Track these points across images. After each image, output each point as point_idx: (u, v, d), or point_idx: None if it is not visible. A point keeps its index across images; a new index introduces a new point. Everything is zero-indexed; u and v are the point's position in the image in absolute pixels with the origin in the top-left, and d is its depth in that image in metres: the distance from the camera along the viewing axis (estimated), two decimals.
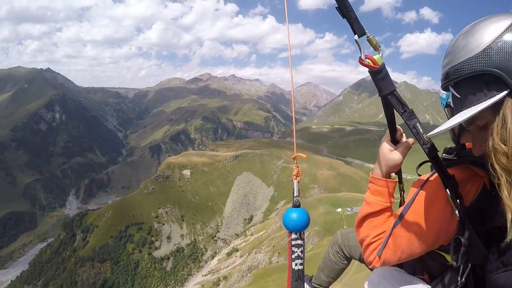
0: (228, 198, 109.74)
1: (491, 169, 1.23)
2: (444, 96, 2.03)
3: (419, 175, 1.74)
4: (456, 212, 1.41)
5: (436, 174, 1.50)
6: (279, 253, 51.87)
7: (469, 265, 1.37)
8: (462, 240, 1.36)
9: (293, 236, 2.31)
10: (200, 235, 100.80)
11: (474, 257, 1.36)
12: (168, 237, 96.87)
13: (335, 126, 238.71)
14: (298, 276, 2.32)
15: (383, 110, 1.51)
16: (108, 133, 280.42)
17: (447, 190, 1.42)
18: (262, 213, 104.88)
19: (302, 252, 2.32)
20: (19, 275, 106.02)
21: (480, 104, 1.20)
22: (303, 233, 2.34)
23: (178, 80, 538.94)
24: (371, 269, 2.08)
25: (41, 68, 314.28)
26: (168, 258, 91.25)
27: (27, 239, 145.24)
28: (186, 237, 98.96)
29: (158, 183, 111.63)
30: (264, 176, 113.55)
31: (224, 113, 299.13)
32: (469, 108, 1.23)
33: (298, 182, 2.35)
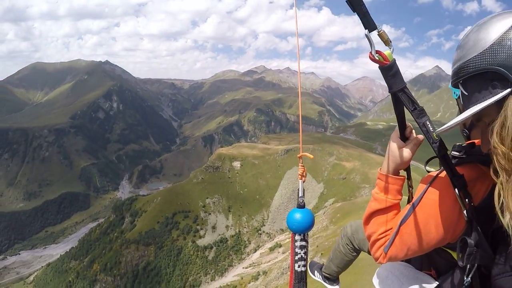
0: (276, 192, 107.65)
1: (493, 169, 1.24)
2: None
3: (428, 171, 1.74)
4: (464, 212, 1.40)
5: (445, 172, 1.50)
6: (322, 253, 49.22)
7: (475, 265, 1.36)
8: (469, 241, 1.35)
9: (297, 237, 2.32)
10: (245, 227, 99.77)
11: (480, 258, 1.35)
12: (213, 227, 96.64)
13: (391, 124, 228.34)
14: (301, 278, 2.32)
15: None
16: (163, 123, 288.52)
17: (456, 189, 1.41)
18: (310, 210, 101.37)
19: (305, 253, 2.33)
20: (68, 250, 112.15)
21: (484, 101, 1.20)
22: (307, 235, 2.36)
23: (233, 73, 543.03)
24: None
25: (100, 61, 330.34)
26: (211, 248, 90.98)
27: (79, 218, 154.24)
28: (231, 228, 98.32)
29: (208, 173, 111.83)
30: (314, 172, 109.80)
31: (278, 106, 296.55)
32: (475, 106, 1.23)
33: (303, 182, 2.34)
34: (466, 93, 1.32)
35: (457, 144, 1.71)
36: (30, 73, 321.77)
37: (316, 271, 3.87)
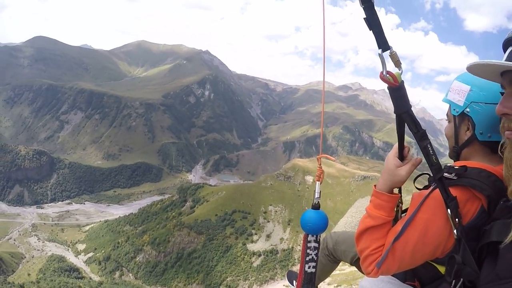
0: (342, 218, 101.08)
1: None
2: (461, 103, 1.92)
3: (417, 188, 1.86)
4: (455, 231, 1.49)
5: (436, 190, 1.59)
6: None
7: (461, 279, 1.45)
8: (457, 258, 1.44)
9: (310, 238, 2.36)
10: (299, 245, 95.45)
11: (466, 273, 1.42)
12: (268, 236, 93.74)
13: None
14: (310, 279, 2.36)
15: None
16: (249, 119, 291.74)
17: (448, 210, 1.49)
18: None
19: (316, 255, 2.36)
20: (127, 214, 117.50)
21: None
22: (319, 236, 2.38)
23: (327, 84, 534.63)
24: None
25: (200, 49, 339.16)
26: (259, 255, 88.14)
27: (147, 188, 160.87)
28: (285, 242, 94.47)
29: (278, 180, 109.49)
30: None
31: (366, 128, 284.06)
32: None
33: (320, 183, 2.37)
34: None
35: (448, 165, 1.75)
36: (134, 49, 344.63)
37: (294, 281, 3.83)
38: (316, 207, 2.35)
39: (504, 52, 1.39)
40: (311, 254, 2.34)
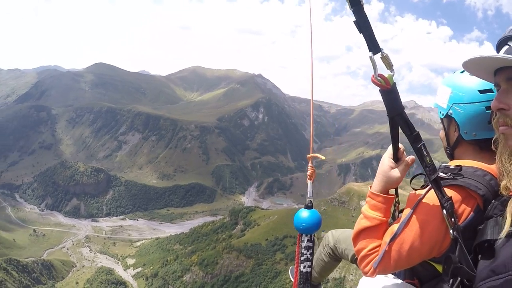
0: None
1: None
2: (445, 106, 1.97)
3: (413, 189, 1.85)
4: (451, 231, 1.50)
5: (431, 191, 1.59)
6: None
7: (458, 278, 1.45)
8: (453, 257, 1.45)
9: (304, 238, 2.38)
10: (351, 274, 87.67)
11: (464, 273, 1.43)
12: None
13: None
14: (306, 279, 2.40)
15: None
16: (303, 142, 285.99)
17: (444, 210, 1.50)
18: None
19: (311, 254, 2.39)
20: (178, 233, 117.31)
21: None
22: (313, 236, 2.40)
23: (382, 104, 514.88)
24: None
25: (253, 73, 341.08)
26: None
27: (200, 208, 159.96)
28: (336, 270, 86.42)
29: (332, 205, 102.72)
30: None
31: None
32: None
33: (312, 182, 2.40)
34: None
35: (444, 165, 1.81)
36: (189, 74, 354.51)
37: None
38: (309, 206, 2.34)
39: (498, 51, 1.42)
40: (305, 254, 2.33)
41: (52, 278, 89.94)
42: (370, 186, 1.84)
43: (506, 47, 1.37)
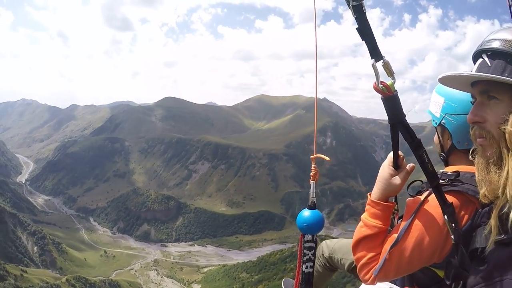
0: None
1: (502, 150, 1.32)
2: (438, 115, 2.00)
3: (410, 195, 1.84)
4: (452, 236, 1.48)
5: (431, 196, 1.61)
6: None
7: (461, 282, 1.45)
8: (453, 262, 1.46)
9: (306, 238, 2.40)
10: None
11: (465, 276, 1.42)
12: None
13: None
14: (307, 280, 2.40)
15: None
16: (374, 164, 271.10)
17: (445, 216, 1.49)
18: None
19: (313, 255, 2.40)
20: (245, 261, 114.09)
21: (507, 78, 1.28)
22: (316, 236, 2.41)
23: None
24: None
25: (318, 98, 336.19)
26: None
27: (269, 236, 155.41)
28: None
29: None
30: None
31: None
32: (495, 75, 1.30)
33: (315, 183, 2.41)
34: (489, 65, 1.36)
35: (441, 171, 1.81)
36: (255, 104, 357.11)
37: None
38: (312, 207, 2.35)
39: (474, 63, 1.45)
40: (308, 254, 2.33)
41: None
42: (370, 194, 1.81)
43: (480, 60, 1.40)
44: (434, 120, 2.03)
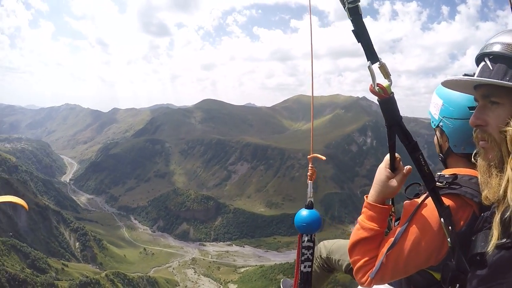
0: None
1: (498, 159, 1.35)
2: (436, 117, 1.99)
3: (408, 198, 1.86)
4: (448, 239, 1.49)
5: (428, 199, 1.62)
6: None
7: (457, 285, 1.47)
8: (450, 265, 1.48)
9: (304, 238, 2.43)
10: None
11: (462, 279, 1.44)
12: None
13: None
14: (306, 279, 2.42)
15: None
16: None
17: (442, 219, 1.50)
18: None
19: (311, 254, 2.43)
20: (283, 263, 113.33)
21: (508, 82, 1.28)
22: (314, 236, 2.45)
23: None
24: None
25: (357, 96, 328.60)
26: None
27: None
28: None
29: None
30: None
31: None
32: (495, 80, 1.31)
33: (312, 182, 2.44)
34: (491, 68, 1.36)
35: (439, 173, 1.78)
36: (293, 104, 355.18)
37: None
38: (310, 206, 2.39)
39: (477, 66, 1.44)
40: (306, 254, 2.37)
41: None
42: (366, 196, 1.82)
43: (482, 63, 1.39)
44: (433, 122, 2.03)
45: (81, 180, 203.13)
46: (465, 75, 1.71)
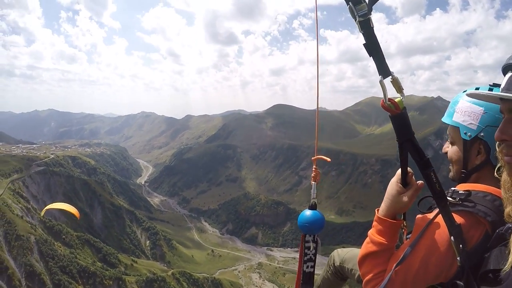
0: None
1: None
2: (474, 127, 1.82)
3: (420, 212, 1.81)
4: (458, 258, 1.47)
5: (439, 216, 1.57)
6: None
7: None
8: (459, 284, 1.46)
9: (307, 238, 2.43)
10: None
11: None
12: None
13: None
14: (308, 279, 2.44)
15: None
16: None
17: (452, 237, 1.47)
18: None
19: (314, 255, 2.43)
20: None
21: None
22: (317, 236, 2.44)
23: None
24: None
25: (432, 97, 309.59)
26: None
27: None
28: None
29: None
30: None
31: None
32: None
33: (316, 184, 2.44)
34: None
35: (452, 189, 1.72)
36: (365, 107, 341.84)
37: None
38: (313, 207, 2.39)
39: (504, 75, 1.39)
40: (309, 254, 2.37)
41: None
42: (377, 210, 1.79)
43: (509, 74, 1.34)
44: (466, 133, 1.82)
45: (155, 183, 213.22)
46: (494, 84, 1.69)
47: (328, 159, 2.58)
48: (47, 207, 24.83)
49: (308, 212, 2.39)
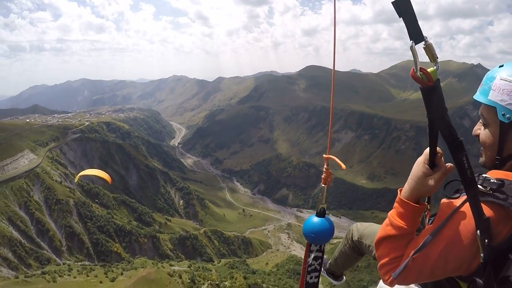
0: None
1: None
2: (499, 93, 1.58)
3: (447, 196, 1.65)
4: (482, 254, 1.37)
5: (466, 204, 1.44)
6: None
7: None
8: (478, 282, 1.38)
9: (313, 247, 2.22)
10: None
11: None
12: None
13: None
14: None
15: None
16: None
17: (478, 230, 1.36)
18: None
19: (319, 265, 2.25)
20: None
21: None
22: (324, 246, 2.23)
23: None
24: None
25: (472, 64, 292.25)
26: None
27: None
28: None
29: None
30: None
31: None
32: None
33: (327, 187, 2.17)
34: None
35: (484, 175, 1.56)
36: (401, 70, 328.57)
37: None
38: (322, 214, 2.11)
39: None
40: (313, 265, 2.18)
41: (247, 254, 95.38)
42: (400, 191, 1.65)
43: None
44: (504, 114, 1.55)
45: (188, 144, 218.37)
46: None
47: (343, 166, 2.29)
48: (80, 173, 25.97)
49: (315, 219, 2.11)
